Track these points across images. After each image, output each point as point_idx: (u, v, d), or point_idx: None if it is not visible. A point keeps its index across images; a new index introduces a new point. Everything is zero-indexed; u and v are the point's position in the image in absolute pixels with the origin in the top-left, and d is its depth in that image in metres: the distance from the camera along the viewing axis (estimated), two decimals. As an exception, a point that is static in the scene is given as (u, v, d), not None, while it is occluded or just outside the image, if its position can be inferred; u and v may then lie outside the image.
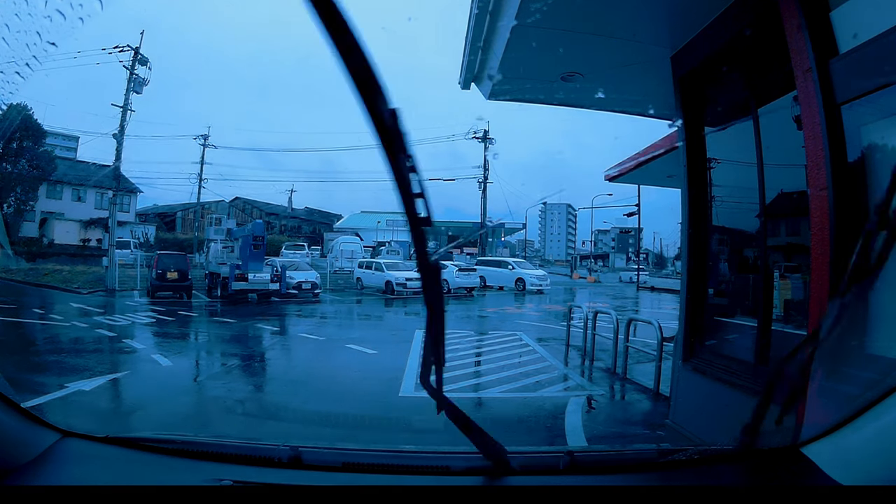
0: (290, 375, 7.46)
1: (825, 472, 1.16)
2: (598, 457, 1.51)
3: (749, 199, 3.58)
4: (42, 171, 30.83)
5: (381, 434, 4.52)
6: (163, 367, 7.27)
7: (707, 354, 3.92)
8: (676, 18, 3.75)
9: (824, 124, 2.50)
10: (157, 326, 11.62)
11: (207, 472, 1.24)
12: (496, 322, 13.98)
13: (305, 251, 32.35)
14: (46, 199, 33.71)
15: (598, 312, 8.62)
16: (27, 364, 7.17)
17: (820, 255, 2.50)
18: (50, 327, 10.88)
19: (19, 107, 28.01)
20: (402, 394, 5.91)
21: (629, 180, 10.58)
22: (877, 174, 2.41)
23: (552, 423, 5.06)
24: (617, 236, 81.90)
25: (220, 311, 15.00)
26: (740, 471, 1.32)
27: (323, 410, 5.29)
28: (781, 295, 3.32)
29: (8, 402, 1.21)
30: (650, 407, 5.68)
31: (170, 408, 5.33)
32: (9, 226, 28.44)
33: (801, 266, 3.17)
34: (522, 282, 24.92)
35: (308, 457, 1.33)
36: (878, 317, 2.33)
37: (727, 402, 3.35)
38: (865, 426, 1.15)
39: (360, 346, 9.14)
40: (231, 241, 19.44)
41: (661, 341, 6.05)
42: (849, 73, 2.44)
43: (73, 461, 1.27)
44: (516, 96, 5.58)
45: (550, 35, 4.04)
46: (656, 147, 7.11)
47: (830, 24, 2.57)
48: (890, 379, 1.20)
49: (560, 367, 7.71)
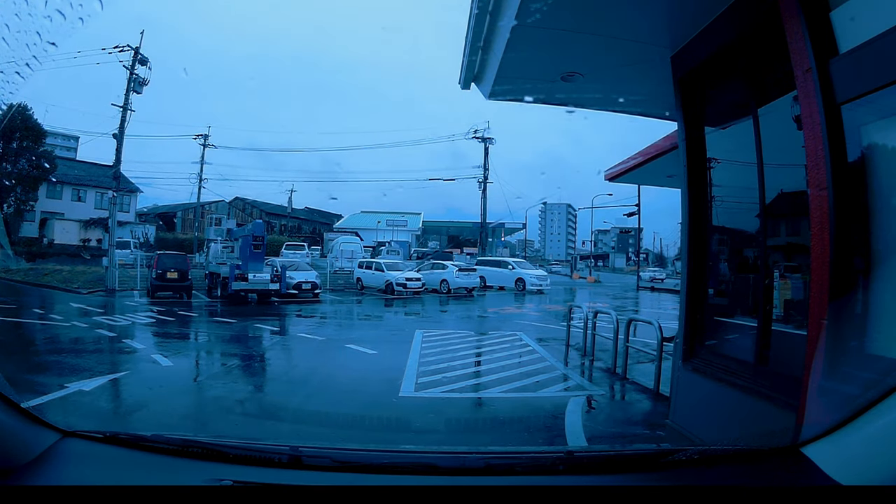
0: (290, 375, 7.46)
1: (825, 472, 1.16)
2: (598, 457, 1.51)
3: (749, 199, 3.57)
4: (42, 171, 30.82)
5: (381, 434, 4.52)
6: (163, 367, 7.26)
7: (707, 354, 3.92)
8: (676, 19, 3.75)
9: (824, 124, 2.50)
10: (157, 326, 11.62)
11: (207, 472, 1.24)
12: (496, 322, 13.98)
13: (305, 251, 32.32)
14: (46, 199, 33.73)
15: (598, 312, 8.63)
16: (27, 364, 7.17)
17: (820, 255, 2.50)
18: (50, 327, 10.87)
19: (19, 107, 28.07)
20: (402, 394, 5.91)
21: (629, 180, 10.58)
22: (877, 174, 2.41)
23: (552, 423, 5.05)
24: (617, 236, 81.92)
25: (220, 311, 15.00)
26: (740, 471, 1.32)
27: (323, 410, 5.29)
28: (781, 295, 3.31)
29: (8, 402, 1.21)
30: (650, 407, 5.68)
31: (170, 408, 5.33)
32: (9, 226, 28.45)
33: (801, 266, 3.17)
34: (522, 282, 24.92)
35: (308, 457, 1.33)
36: (878, 317, 2.34)
37: (727, 402, 3.35)
38: (865, 426, 1.15)
39: (360, 346, 9.15)
40: (231, 241, 19.44)
41: (661, 341, 6.06)
42: (849, 73, 2.44)
43: (74, 461, 1.27)
44: (516, 96, 5.58)
45: (550, 35, 4.04)
46: (656, 147, 7.11)
47: (830, 24, 2.57)
48: (890, 379, 1.20)
49: (560, 367, 7.71)
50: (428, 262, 26.74)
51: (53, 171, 31.84)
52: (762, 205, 3.42)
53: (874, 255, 2.36)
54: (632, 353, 7.15)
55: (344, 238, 34.81)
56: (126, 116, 22.65)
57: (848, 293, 2.41)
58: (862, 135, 2.49)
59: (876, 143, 2.46)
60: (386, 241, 38.08)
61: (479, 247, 36.81)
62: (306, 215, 53.08)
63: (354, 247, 30.81)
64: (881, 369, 2.12)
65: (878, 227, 2.37)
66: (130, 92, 22.70)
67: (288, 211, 51.14)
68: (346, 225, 49.82)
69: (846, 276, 2.41)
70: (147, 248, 29.80)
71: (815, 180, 2.56)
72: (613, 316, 7.74)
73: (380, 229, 44.48)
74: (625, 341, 7.13)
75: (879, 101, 2.30)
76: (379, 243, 37.21)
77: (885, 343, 2.26)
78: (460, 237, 48.58)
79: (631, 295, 27.28)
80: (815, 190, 2.55)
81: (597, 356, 8.00)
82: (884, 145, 2.43)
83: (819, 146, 2.52)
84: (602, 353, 8.06)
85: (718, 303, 4.20)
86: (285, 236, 42.72)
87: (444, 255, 35.42)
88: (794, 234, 3.41)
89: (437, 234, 51.48)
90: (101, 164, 30.87)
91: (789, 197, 3.38)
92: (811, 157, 2.59)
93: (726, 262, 4.24)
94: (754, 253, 3.74)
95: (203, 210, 37.26)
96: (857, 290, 2.42)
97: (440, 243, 48.21)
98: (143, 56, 22.76)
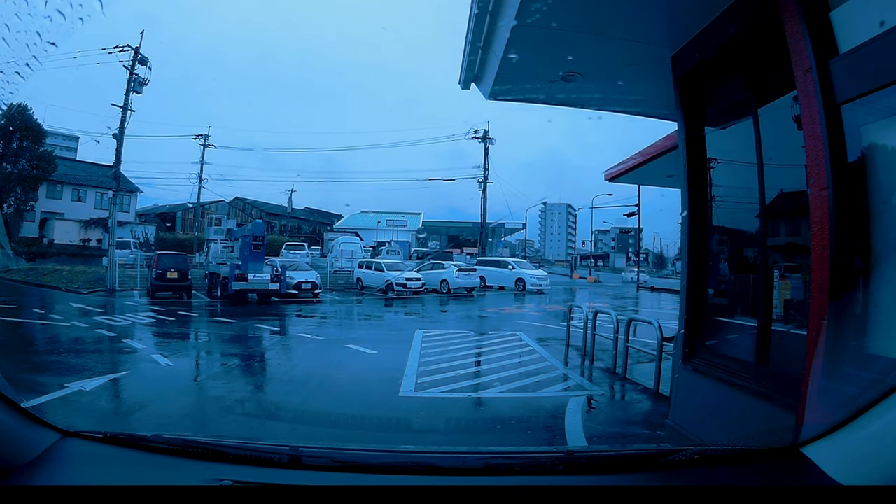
0: (289, 375, 7.46)
1: (825, 472, 1.16)
2: (597, 457, 1.51)
3: (749, 199, 3.57)
4: (42, 171, 30.81)
5: (381, 434, 4.52)
6: (163, 367, 7.26)
7: (707, 354, 3.92)
8: (676, 19, 3.75)
9: (824, 124, 2.50)
10: (157, 326, 11.62)
11: (207, 472, 1.24)
12: (496, 322, 13.98)
13: (305, 251, 32.32)
14: (46, 199, 33.72)
15: (598, 312, 8.63)
16: (27, 364, 7.17)
17: (820, 255, 2.49)
18: (50, 327, 10.87)
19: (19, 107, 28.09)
20: (402, 394, 5.91)
21: (629, 180, 10.58)
22: (877, 174, 2.41)
23: (552, 422, 5.05)
24: (617, 236, 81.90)
25: (220, 311, 14.99)
26: (740, 471, 1.32)
27: (323, 410, 5.29)
28: (781, 295, 3.31)
29: (8, 402, 1.21)
30: (650, 407, 5.67)
31: (170, 408, 5.33)
32: (9, 226, 28.44)
33: (801, 266, 3.17)
34: (522, 282, 24.92)
35: (308, 457, 1.33)
36: (878, 317, 2.34)
37: (727, 402, 3.35)
38: (865, 426, 1.14)
39: (360, 346, 9.14)
40: (231, 241, 19.43)
41: (661, 341, 6.05)
42: (849, 73, 2.44)
43: (74, 461, 1.27)
44: (516, 96, 5.57)
45: (550, 35, 4.04)
46: (656, 147, 7.11)
47: (830, 24, 2.57)
48: (890, 379, 1.20)
49: (560, 367, 7.71)
50: (428, 262, 26.74)
51: (53, 171, 31.84)
52: (762, 205, 3.42)
53: (874, 255, 2.36)
54: (632, 353, 7.15)
55: (344, 238, 34.81)
56: (126, 116, 22.67)
57: (848, 293, 2.41)
58: (862, 135, 2.49)
59: (876, 143, 2.46)
60: (386, 241, 38.06)
61: (479, 247, 36.78)
62: (306, 215, 53.08)
63: (354, 247, 30.82)
64: (881, 369, 2.12)
65: (878, 227, 2.37)
66: (130, 92, 22.70)
67: (288, 211, 51.14)
68: (345, 225, 49.81)
69: (846, 276, 2.41)
70: (147, 248, 29.79)
71: (815, 180, 2.56)
72: (613, 316, 7.74)
73: (380, 229, 44.48)
74: (625, 341, 7.12)
75: (879, 101, 2.30)
76: (379, 243, 37.19)
77: (884, 343, 2.26)
78: (460, 237, 48.56)
79: (631, 295, 27.28)
80: (815, 190, 2.55)
81: (597, 356, 8.00)
82: (884, 145, 2.43)
83: (819, 146, 2.52)
84: (602, 353, 8.05)
85: (718, 303, 4.19)
86: (285, 236, 42.73)
87: (444, 255, 35.42)
88: (794, 234, 3.41)
89: (437, 234, 51.46)
90: (101, 164, 30.85)
91: (789, 197, 3.38)
92: (811, 157, 2.59)
93: (726, 262, 4.24)
94: (754, 253, 3.74)
95: (203, 210, 37.23)
96: (856, 290, 2.42)
97: (440, 243, 48.21)
98: (143, 56, 22.78)
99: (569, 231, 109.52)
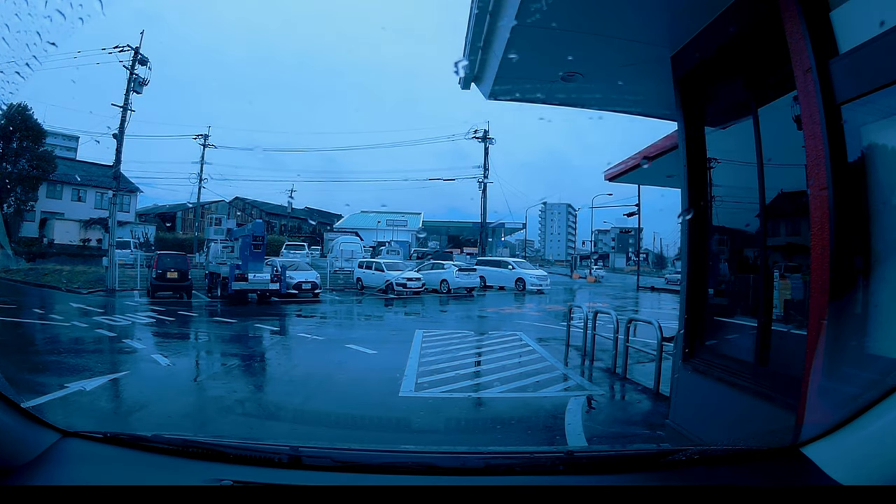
0: (289, 375, 7.46)
1: (825, 472, 1.16)
2: (598, 457, 1.51)
3: (749, 199, 3.57)
4: (42, 171, 30.81)
5: (381, 434, 4.52)
6: (163, 367, 7.26)
7: (707, 354, 3.92)
8: (676, 19, 3.75)
9: (824, 124, 2.50)
10: (157, 326, 11.62)
11: (207, 472, 1.24)
12: (496, 322, 13.98)
13: (305, 251, 32.31)
14: (46, 199, 33.72)
15: (598, 312, 8.63)
16: (27, 364, 7.16)
17: (820, 255, 2.49)
18: (50, 327, 10.87)
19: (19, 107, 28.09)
20: (402, 394, 5.91)
21: (629, 180, 10.57)
22: (877, 174, 2.41)
23: (552, 422, 5.05)
24: (617, 236, 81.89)
25: (220, 311, 14.99)
26: (740, 471, 1.32)
27: (323, 410, 5.29)
28: (781, 295, 3.31)
29: (8, 402, 1.21)
30: (650, 407, 5.67)
31: (170, 408, 5.33)
32: (9, 226, 28.44)
33: (801, 266, 3.17)
34: (522, 282, 24.91)
35: (308, 457, 1.33)
36: (878, 317, 2.34)
37: (727, 402, 3.35)
38: (865, 426, 1.14)
39: (360, 346, 9.14)
40: (231, 241, 19.43)
41: (661, 341, 6.05)
42: (849, 73, 2.44)
43: (74, 461, 1.27)
44: (516, 96, 5.57)
45: (550, 35, 4.04)
46: (656, 147, 7.11)
47: (830, 24, 2.57)
48: (890, 379, 1.20)
49: (560, 367, 7.71)
50: (428, 262, 26.73)
51: (53, 171, 31.83)
52: (762, 205, 3.42)
53: (874, 255, 2.36)
54: (632, 353, 7.15)
55: (344, 238, 34.79)
56: (126, 116, 22.65)
57: (848, 293, 2.41)
58: (862, 135, 2.49)
59: (876, 143, 2.46)
60: (386, 241, 38.05)
61: (479, 247, 36.77)
62: (306, 215, 53.06)
63: (354, 247, 30.80)
64: (881, 369, 2.12)
65: (877, 227, 2.37)
66: (130, 92, 22.70)
67: (288, 211, 51.12)
68: (346, 225, 49.80)
69: (846, 276, 2.41)
70: (147, 248, 29.79)
71: (815, 180, 2.56)
72: (613, 316, 7.74)
73: (380, 229, 44.46)
74: (625, 341, 7.13)
75: (879, 101, 2.31)
76: (379, 243, 37.18)
77: (884, 343, 2.26)
78: (460, 237, 48.52)
79: (631, 295, 27.27)
80: (815, 190, 2.55)
81: (597, 356, 8.00)
82: (884, 145, 2.43)
83: (819, 146, 2.52)
84: (602, 353, 8.05)
85: (718, 303, 4.19)
86: (285, 236, 42.71)
87: (444, 255, 35.40)
88: (794, 234, 3.41)
89: (437, 234, 51.45)
90: (101, 164, 30.85)
91: (789, 197, 3.38)
92: (811, 157, 2.59)
93: (726, 262, 4.24)
94: (754, 253, 3.74)
95: (203, 210, 37.23)
96: (856, 290, 2.42)
97: (440, 243, 48.19)
98: (143, 56, 22.78)
99: (569, 231, 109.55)
